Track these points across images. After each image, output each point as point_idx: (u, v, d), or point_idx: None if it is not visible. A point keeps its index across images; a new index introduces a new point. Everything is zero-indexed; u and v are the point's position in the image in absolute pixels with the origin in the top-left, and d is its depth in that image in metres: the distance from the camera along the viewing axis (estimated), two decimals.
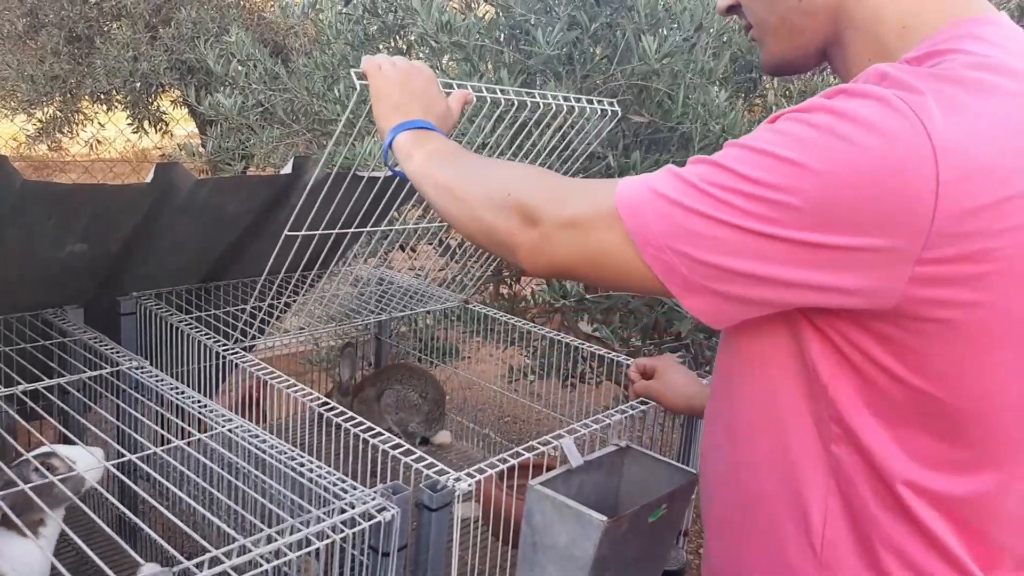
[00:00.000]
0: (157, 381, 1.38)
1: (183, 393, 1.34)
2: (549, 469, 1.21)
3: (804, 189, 0.68)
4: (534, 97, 1.30)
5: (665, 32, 1.56)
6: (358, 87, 1.15)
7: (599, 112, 1.46)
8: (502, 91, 1.28)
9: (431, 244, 2.21)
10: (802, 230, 0.68)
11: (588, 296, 1.96)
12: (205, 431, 1.26)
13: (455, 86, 1.24)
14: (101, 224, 1.41)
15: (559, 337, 1.81)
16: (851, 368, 0.76)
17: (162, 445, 1.21)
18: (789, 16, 0.85)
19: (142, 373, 1.41)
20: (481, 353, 2.69)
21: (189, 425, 1.28)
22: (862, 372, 0.75)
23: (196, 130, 4.90)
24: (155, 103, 4.34)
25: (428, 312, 2.00)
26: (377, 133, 1.17)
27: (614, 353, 1.70)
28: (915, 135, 0.65)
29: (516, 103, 1.30)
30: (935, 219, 0.65)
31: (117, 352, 1.48)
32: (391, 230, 1.63)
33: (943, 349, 0.71)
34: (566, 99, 1.39)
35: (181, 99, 4.50)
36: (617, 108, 1.46)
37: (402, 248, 2.27)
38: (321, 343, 2.72)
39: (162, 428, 1.32)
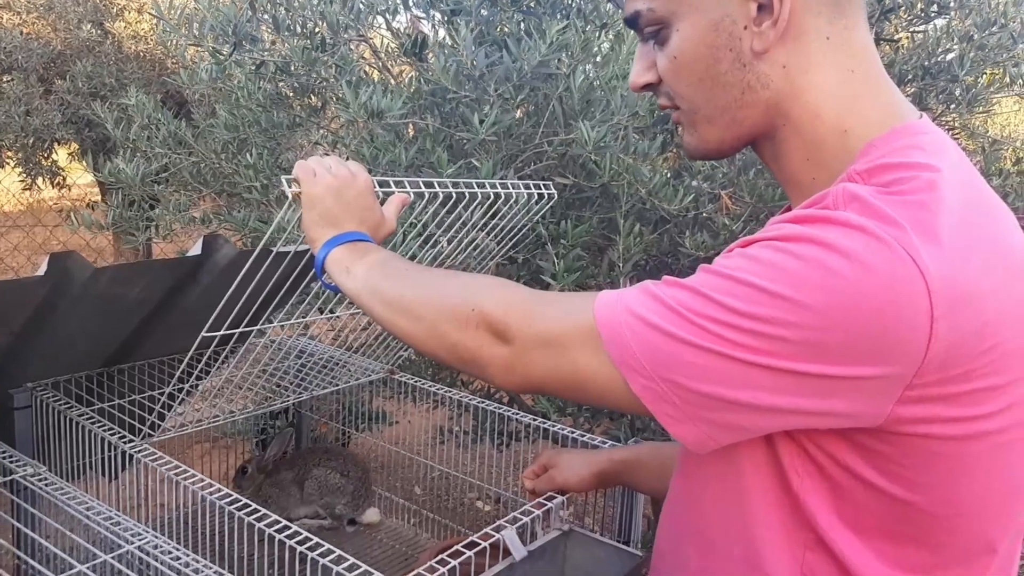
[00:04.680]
0: (57, 492, 1.26)
1: (89, 508, 1.22)
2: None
3: (797, 323, 0.66)
4: (472, 188, 1.25)
5: (598, 116, 1.52)
6: (290, 196, 1.07)
7: (536, 196, 1.41)
8: (439, 183, 1.21)
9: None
10: (795, 361, 0.67)
11: None
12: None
13: (392, 184, 1.17)
14: None
15: (489, 407, 1.74)
16: (824, 477, 0.75)
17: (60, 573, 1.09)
18: (729, 108, 0.82)
19: (39, 483, 1.28)
20: (410, 414, 2.61)
21: (94, 543, 1.16)
22: (835, 481, 0.74)
23: (94, 178, 4.67)
24: (49, 158, 4.11)
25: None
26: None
27: (548, 423, 1.64)
28: (907, 271, 0.65)
29: (454, 195, 1.23)
30: (928, 350, 0.66)
31: (10, 457, 1.34)
32: (319, 318, 1.54)
33: (924, 460, 0.71)
34: (503, 186, 1.34)
35: (78, 152, 4.29)
36: (554, 191, 1.40)
37: (320, 311, 2.17)
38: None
39: (63, 550, 1.19)
